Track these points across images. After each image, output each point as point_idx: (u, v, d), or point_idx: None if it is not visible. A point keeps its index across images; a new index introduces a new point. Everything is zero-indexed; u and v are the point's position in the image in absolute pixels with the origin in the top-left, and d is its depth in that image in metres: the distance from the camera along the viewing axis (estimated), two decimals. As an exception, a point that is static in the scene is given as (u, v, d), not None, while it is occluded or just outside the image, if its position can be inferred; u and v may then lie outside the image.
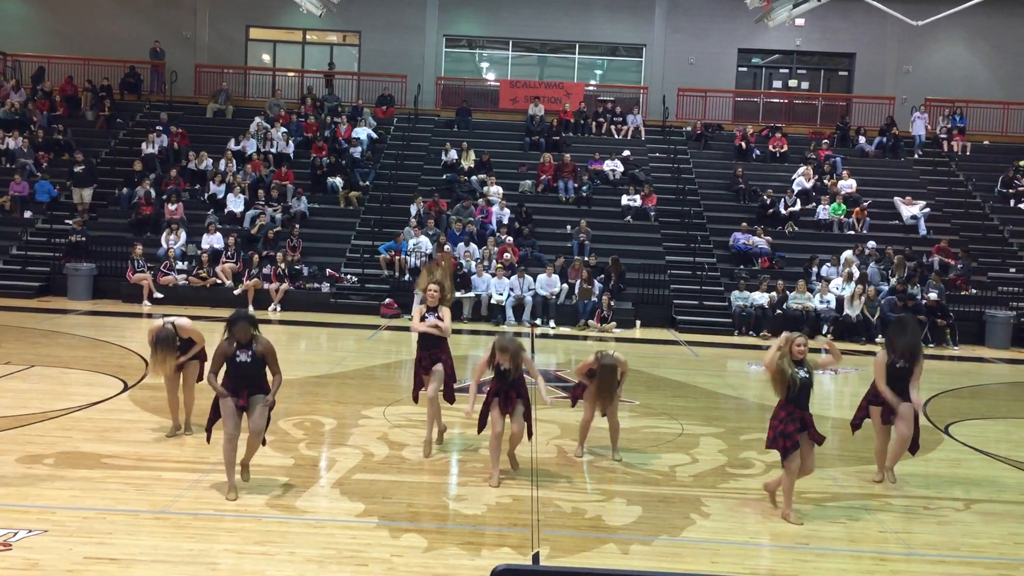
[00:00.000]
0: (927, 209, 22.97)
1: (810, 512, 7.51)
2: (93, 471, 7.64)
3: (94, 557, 5.86)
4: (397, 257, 20.16)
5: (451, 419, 10.11)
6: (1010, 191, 24.19)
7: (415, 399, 9.07)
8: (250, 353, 7.21)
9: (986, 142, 26.89)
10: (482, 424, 8.09)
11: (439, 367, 8.65)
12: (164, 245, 20.12)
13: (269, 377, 7.42)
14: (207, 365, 7.90)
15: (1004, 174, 24.55)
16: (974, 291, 20.36)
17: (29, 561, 5.74)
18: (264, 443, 7.49)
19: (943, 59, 28.43)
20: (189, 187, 22.54)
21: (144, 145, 23.54)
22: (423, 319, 8.70)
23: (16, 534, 6.13)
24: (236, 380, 7.19)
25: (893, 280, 20.02)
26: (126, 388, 10.93)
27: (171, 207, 21.13)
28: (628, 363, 9.05)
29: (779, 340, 7.44)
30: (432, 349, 8.71)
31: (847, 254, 20.66)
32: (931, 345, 18.74)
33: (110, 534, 6.26)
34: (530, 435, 8.08)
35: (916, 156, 25.76)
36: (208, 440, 7.68)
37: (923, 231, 22.48)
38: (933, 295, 19.25)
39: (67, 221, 20.81)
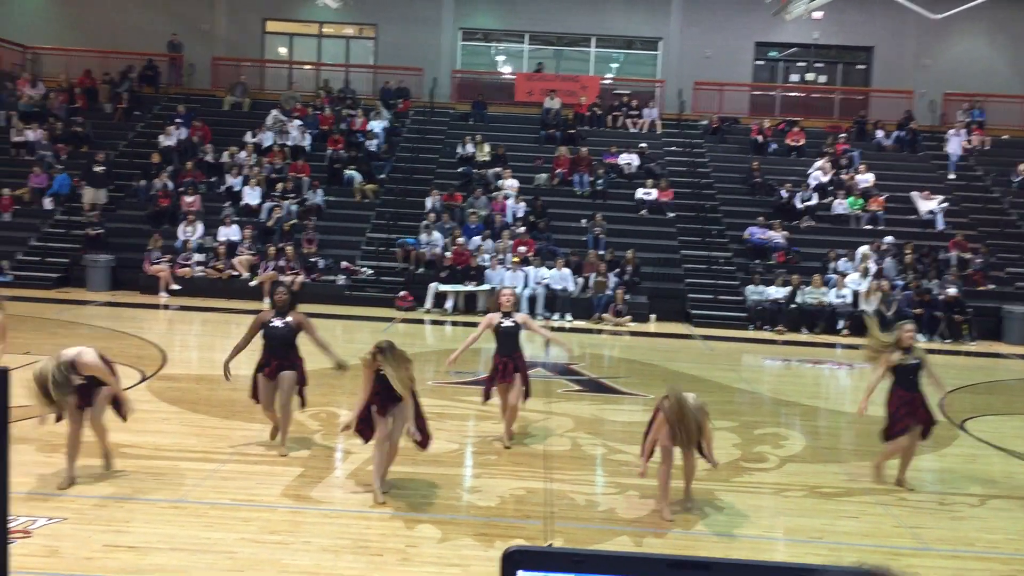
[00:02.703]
0: (945, 204, 22.82)
1: (823, 507, 7.51)
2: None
3: (112, 545, 5.93)
4: (413, 251, 20.20)
5: (466, 411, 10.14)
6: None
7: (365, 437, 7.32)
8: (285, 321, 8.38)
9: (1005, 136, 26.65)
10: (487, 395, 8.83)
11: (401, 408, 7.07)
12: (181, 237, 20.24)
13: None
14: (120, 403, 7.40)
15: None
16: (991, 286, 20.22)
17: (49, 548, 5.81)
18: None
19: (962, 53, 28.18)
20: (206, 179, 22.66)
21: (162, 138, 23.67)
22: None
23: (36, 522, 6.21)
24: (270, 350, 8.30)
25: (908, 276, 19.92)
26: (144, 379, 11.02)
27: (188, 199, 21.26)
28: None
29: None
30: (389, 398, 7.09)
31: (863, 249, 20.56)
32: (948, 341, 18.67)
33: (128, 522, 6.33)
34: (526, 397, 8.81)
35: (951, 177, 24.42)
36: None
37: (940, 226, 22.32)
38: (951, 290, 19.14)
39: (86, 212, 20.98)
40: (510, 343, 8.56)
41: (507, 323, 8.52)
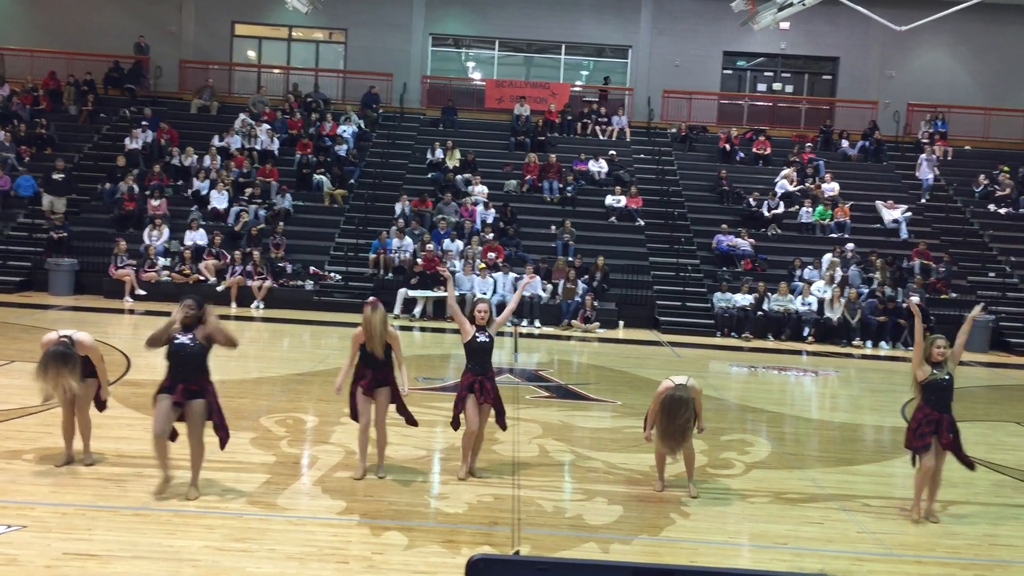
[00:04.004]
0: (908, 213, 23.14)
1: (787, 512, 7.58)
2: (73, 467, 7.62)
3: (73, 553, 5.84)
4: (383, 255, 20.14)
5: (434, 417, 10.13)
6: (993, 187, 24.39)
7: (353, 407, 8.04)
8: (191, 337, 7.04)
9: (967, 147, 27.12)
10: (456, 422, 8.15)
11: (384, 389, 7.89)
12: (146, 241, 20.02)
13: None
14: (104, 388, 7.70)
15: (987, 174, 24.79)
16: (954, 294, 20.52)
17: (8, 557, 5.72)
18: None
19: (926, 64, 28.65)
20: (172, 183, 22.44)
21: (128, 140, 23.41)
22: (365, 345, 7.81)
23: (-5, 530, 6.11)
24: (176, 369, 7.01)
25: (875, 283, 20.17)
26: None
27: (154, 203, 21.03)
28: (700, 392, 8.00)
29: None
30: (382, 368, 7.90)
31: (828, 257, 20.80)
32: (911, 348, 18.89)
33: (90, 530, 6.25)
34: (503, 426, 8.36)
35: (923, 201, 24.28)
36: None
37: (904, 235, 22.65)
38: (914, 298, 19.36)
39: (48, 217, 20.68)
40: (484, 360, 8.04)
41: (482, 338, 8.01)
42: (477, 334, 8.02)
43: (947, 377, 7.53)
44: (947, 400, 7.52)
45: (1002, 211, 23.92)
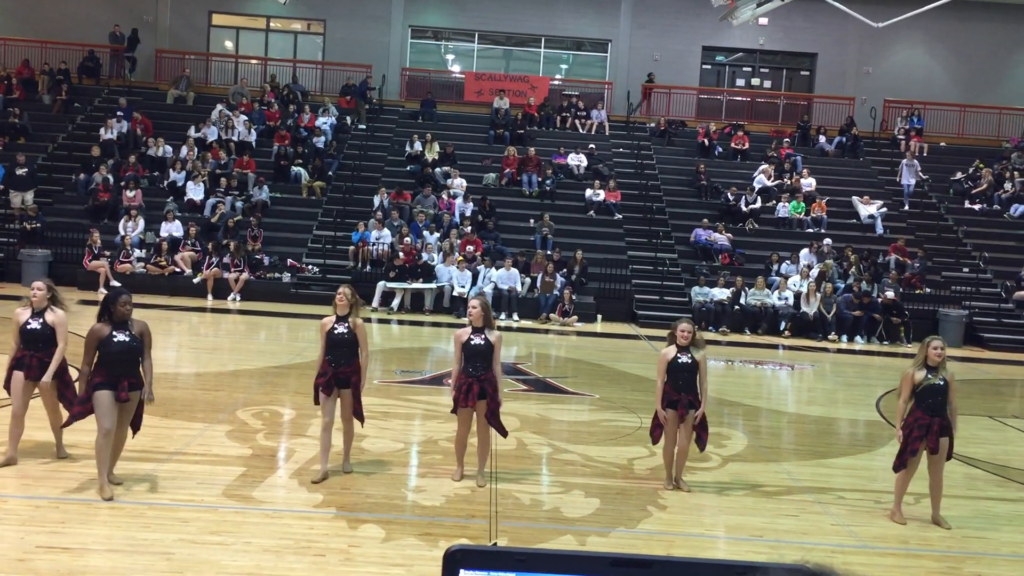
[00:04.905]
0: (884, 209, 23.31)
1: (763, 505, 7.63)
2: (46, 460, 7.54)
3: (46, 546, 5.79)
4: (363, 248, 20.06)
5: (412, 410, 10.11)
6: (968, 184, 24.61)
7: (316, 400, 7.75)
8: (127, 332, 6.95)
9: (943, 143, 27.35)
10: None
11: (347, 391, 7.60)
12: (121, 232, 19.82)
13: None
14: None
15: (963, 170, 25.02)
16: (928, 290, 20.71)
17: (-21, 550, 5.65)
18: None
19: (902, 61, 28.86)
20: (148, 174, 22.22)
21: (103, 131, 23.16)
22: (332, 330, 7.56)
23: (-34, 523, 6.03)
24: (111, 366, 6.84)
25: (851, 278, 20.33)
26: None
27: (129, 194, 20.83)
28: None
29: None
30: (343, 366, 7.55)
31: (805, 251, 20.94)
32: (886, 343, 19.09)
33: (63, 523, 6.19)
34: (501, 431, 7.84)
35: (906, 207, 24.09)
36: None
37: (880, 230, 22.82)
38: (889, 293, 19.58)
39: (23, 204, 20.44)
40: (477, 362, 7.53)
41: (476, 340, 7.54)
42: (472, 336, 7.58)
43: (941, 382, 7.39)
44: (941, 404, 7.39)
45: (976, 207, 24.15)
